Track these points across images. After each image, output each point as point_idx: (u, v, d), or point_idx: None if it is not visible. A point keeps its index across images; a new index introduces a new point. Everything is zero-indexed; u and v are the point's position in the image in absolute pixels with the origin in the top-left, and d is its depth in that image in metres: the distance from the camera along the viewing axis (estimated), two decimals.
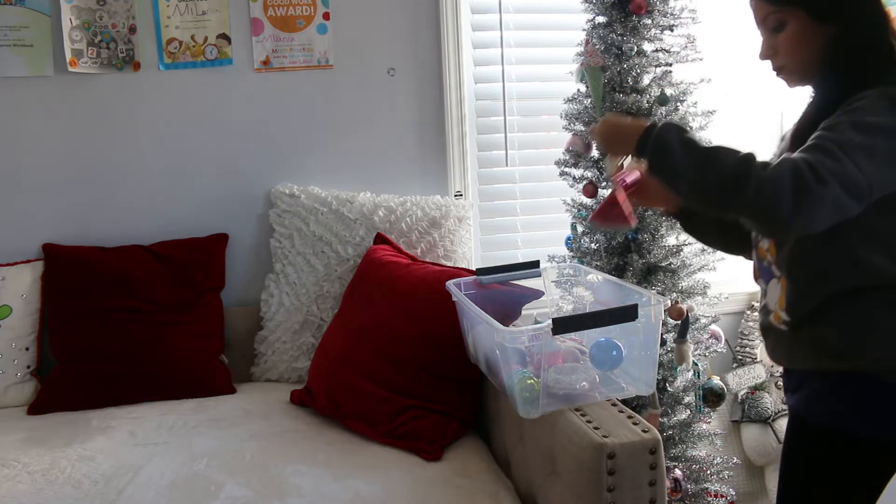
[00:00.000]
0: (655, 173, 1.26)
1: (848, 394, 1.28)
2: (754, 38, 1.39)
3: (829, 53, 1.25)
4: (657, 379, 1.84)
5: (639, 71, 2.09)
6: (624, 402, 1.57)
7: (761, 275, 1.40)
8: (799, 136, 1.26)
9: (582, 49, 2.15)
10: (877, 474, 1.26)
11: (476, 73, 2.56)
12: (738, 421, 2.60)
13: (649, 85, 2.11)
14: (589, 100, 2.15)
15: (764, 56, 1.34)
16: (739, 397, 2.60)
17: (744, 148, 1.18)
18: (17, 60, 2.23)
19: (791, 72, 1.32)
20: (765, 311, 1.39)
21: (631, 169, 1.49)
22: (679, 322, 1.97)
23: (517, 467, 1.69)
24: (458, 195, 2.54)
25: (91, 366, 2.11)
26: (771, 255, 1.35)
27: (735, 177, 1.14)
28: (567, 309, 2.03)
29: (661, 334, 2.03)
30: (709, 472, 2.15)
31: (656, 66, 2.11)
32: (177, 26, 2.34)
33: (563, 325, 1.42)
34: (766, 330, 1.40)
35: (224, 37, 2.37)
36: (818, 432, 1.33)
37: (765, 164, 1.14)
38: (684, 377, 2.14)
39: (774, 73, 1.35)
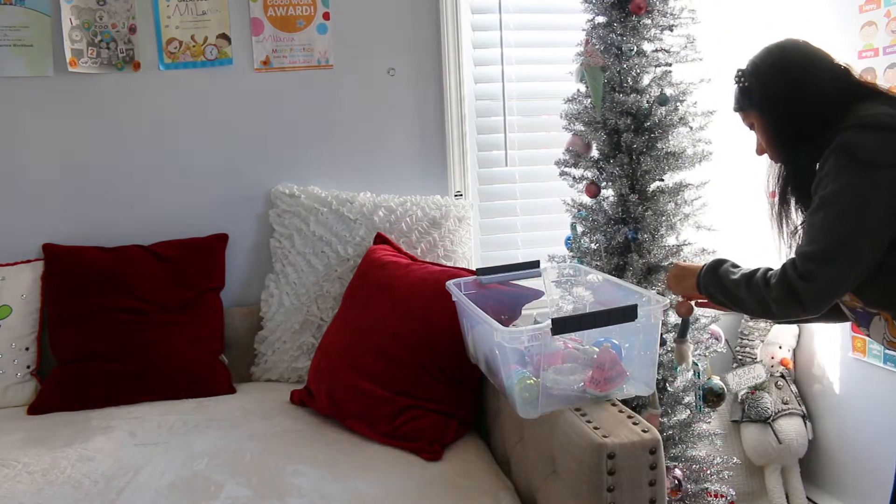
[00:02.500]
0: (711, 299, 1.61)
1: None
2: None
3: (777, 137, 1.51)
4: (657, 379, 1.84)
5: (639, 71, 2.09)
6: (624, 402, 1.57)
7: (860, 322, 1.54)
8: (784, 198, 1.53)
9: (582, 49, 2.15)
10: None
11: (476, 73, 2.56)
12: (738, 421, 2.60)
13: (649, 85, 2.11)
14: (589, 100, 2.15)
15: (757, 152, 1.59)
16: (739, 397, 2.60)
17: (759, 265, 1.48)
18: (17, 60, 2.23)
19: (770, 155, 1.57)
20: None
21: None
22: (679, 322, 1.98)
23: (517, 467, 1.69)
24: (458, 195, 2.54)
25: (91, 366, 2.11)
26: (858, 302, 1.49)
27: (758, 305, 1.45)
28: (567, 309, 2.03)
29: (661, 334, 2.03)
30: (709, 472, 2.14)
31: (656, 66, 2.11)
32: (177, 26, 2.34)
33: (563, 325, 1.41)
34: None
35: (224, 37, 2.37)
36: None
37: (767, 282, 1.42)
38: (684, 377, 2.14)
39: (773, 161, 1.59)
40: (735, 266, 1.55)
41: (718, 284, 1.53)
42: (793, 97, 1.47)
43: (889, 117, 1.35)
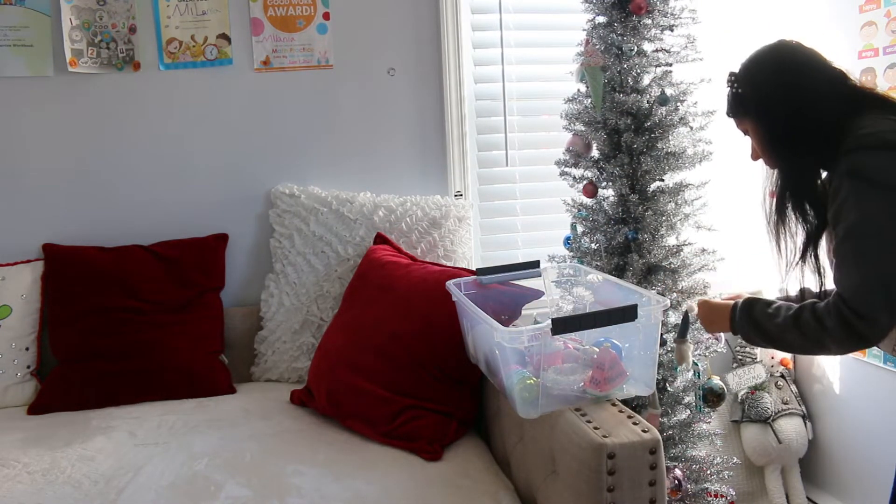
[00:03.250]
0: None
1: None
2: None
3: (773, 145, 1.49)
4: (657, 379, 1.84)
5: (639, 71, 2.09)
6: (624, 402, 1.57)
7: None
8: (781, 205, 1.50)
9: (582, 49, 2.15)
10: None
11: (476, 73, 2.56)
12: (738, 421, 2.60)
13: (649, 85, 2.11)
14: (589, 100, 2.15)
15: (753, 158, 1.57)
16: (739, 397, 2.60)
17: (802, 305, 1.41)
18: (17, 60, 2.23)
19: (766, 162, 1.55)
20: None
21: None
22: (679, 321, 1.98)
23: (517, 467, 1.69)
24: (458, 195, 2.54)
25: (91, 366, 2.11)
26: None
27: (812, 346, 1.40)
28: (567, 309, 2.03)
29: (661, 334, 2.03)
30: (709, 472, 2.14)
31: (656, 66, 2.11)
32: (177, 26, 2.34)
33: (563, 325, 1.41)
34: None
35: (224, 37, 2.37)
36: None
37: (819, 320, 1.36)
38: (684, 377, 2.14)
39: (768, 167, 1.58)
40: (769, 305, 1.48)
41: (758, 329, 1.47)
42: (788, 103, 1.44)
43: (892, 133, 1.33)
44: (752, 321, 1.48)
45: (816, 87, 1.43)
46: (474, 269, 1.97)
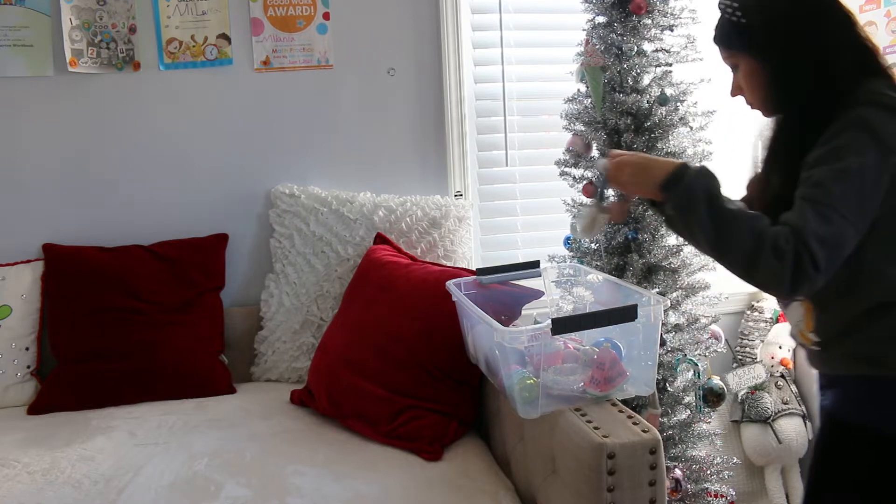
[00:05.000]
0: (671, 220, 1.31)
1: (879, 394, 1.30)
2: None
3: (777, 91, 1.31)
4: (657, 379, 1.84)
5: (639, 71, 2.09)
6: (624, 402, 1.57)
7: (781, 300, 1.45)
8: (773, 157, 1.34)
9: (582, 49, 2.15)
10: None
11: (476, 73, 2.56)
12: (738, 421, 2.60)
13: (649, 85, 2.11)
14: (589, 100, 2.15)
15: (732, 94, 1.40)
16: (739, 397, 2.60)
17: (759, 213, 1.23)
18: (17, 60, 2.23)
19: (758, 108, 1.39)
20: (793, 330, 1.43)
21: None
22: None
23: (517, 467, 1.69)
24: (458, 195, 2.54)
25: (91, 366, 2.11)
26: None
27: (747, 257, 1.20)
28: (567, 309, 2.03)
29: (661, 334, 2.03)
30: (709, 472, 2.14)
31: (656, 66, 2.11)
32: (177, 26, 2.34)
33: (563, 325, 1.41)
34: (799, 344, 1.45)
35: (224, 37, 2.37)
36: (849, 430, 1.35)
37: (775, 248, 1.17)
38: (684, 377, 2.14)
39: (749, 106, 1.41)
40: (718, 186, 1.27)
41: (708, 201, 1.23)
42: (808, 46, 1.26)
43: None
44: (709, 191, 1.24)
45: (841, 29, 1.28)
46: (474, 269, 1.97)
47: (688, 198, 1.25)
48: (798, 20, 1.27)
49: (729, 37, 1.33)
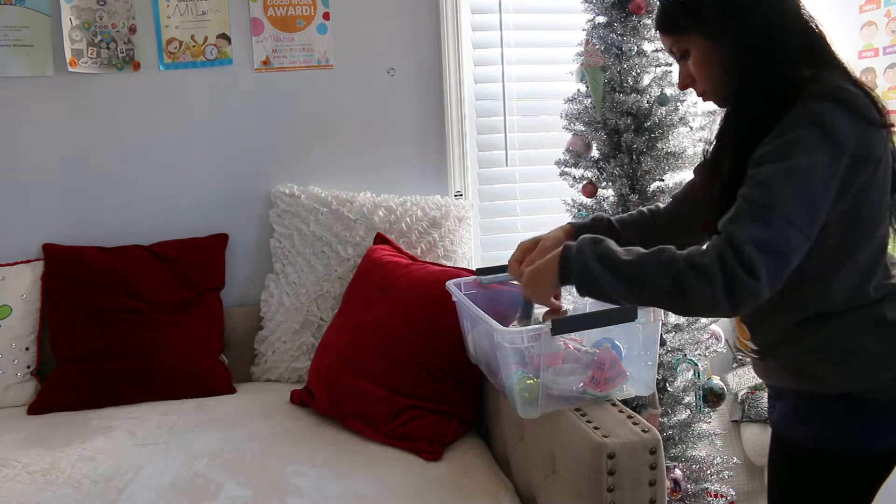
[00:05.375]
0: (597, 298, 1.25)
1: (817, 410, 1.27)
2: None
3: (733, 73, 1.22)
4: (657, 379, 1.84)
5: (639, 71, 2.09)
6: (624, 402, 1.57)
7: None
8: (722, 146, 1.26)
9: (582, 49, 2.15)
10: (847, 490, 1.26)
11: (476, 73, 2.56)
12: (738, 421, 2.60)
13: (649, 85, 2.11)
14: (589, 100, 2.15)
15: (681, 86, 1.32)
16: (739, 397, 2.60)
17: (660, 246, 1.16)
18: (17, 60, 2.23)
19: (711, 96, 1.30)
20: (734, 337, 1.40)
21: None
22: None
23: (517, 467, 1.69)
24: (458, 195, 2.54)
25: (91, 366, 2.11)
26: None
27: (671, 295, 1.13)
28: (567, 309, 2.03)
29: (661, 334, 2.03)
30: (709, 472, 2.14)
31: (656, 66, 2.11)
32: (177, 26, 2.34)
33: (563, 325, 1.41)
34: (740, 353, 1.40)
35: (224, 37, 2.37)
36: (793, 447, 1.33)
37: (693, 267, 1.10)
38: (684, 377, 2.14)
39: (701, 98, 1.33)
40: (602, 241, 1.22)
41: (602, 266, 1.17)
42: (762, 19, 1.19)
43: (863, 102, 1.14)
44: (597, 257, 1.18)
45: (792, 12, 1.21)
46: (474, 269, 1.97)
47: (585, 274, 1.20)
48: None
49: (678, 18, 1.24)
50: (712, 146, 1.31)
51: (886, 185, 1.20)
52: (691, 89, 1.33)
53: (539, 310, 1.50)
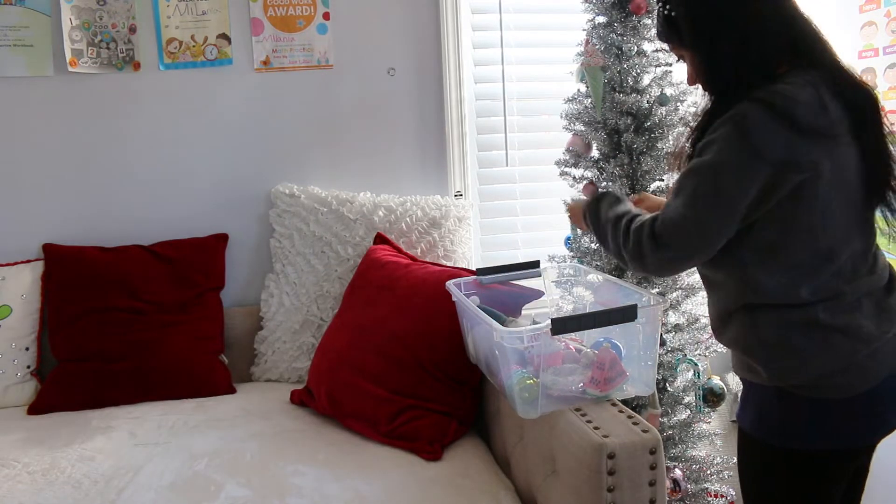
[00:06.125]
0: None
1: (758, 400, 1.34)
2: None
3: (708, 76, 1.34)
4: (657, 379, 1.84)
5: (639, 71, 2.09)
6: (624, 402, 1.57)
7: None
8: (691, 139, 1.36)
9: (582, 49, 2.15)
10: (786, 482, 1.31)
11: (476, 73, 2.56)
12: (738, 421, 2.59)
13: (649, 85, 2.11)
14: (589, 100, 2.15)
15: (690, 82, 1.42)
16: (739, 397, 2.60)
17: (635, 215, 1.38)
18: (17, 60, 2.23)
19: (708, 94, 1.39)
20: None
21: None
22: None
23: (517, 467, 1.69)
24: (458, 195, 2.54)
25: (91, 366, 2.11)
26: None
27: (617, 254, 1.38)
28: (567, 309, 2.03)
29: (661, 334, 2.03)
30: (709, 472, 2.14)
31: (656, 66, 2.11)
32: (177, 26, 2.34)
33: (563, 325, 1.41)
34: None
35: (224, 37, 2.37)
36: (741, 431, 1.40)
37: (629, 231, 1.33)
38: (684, 377, 2.14)
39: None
40: (618, 202, 1.44)
41: (594, 221, 1.46)
42: (729, 28, 1.26)
43: (805, 111, 1.19)
44: (596, 208, 1.46)
45: (766, 17, 1.26)
46: (474, 269, 1.97)
47: (589, 223, 1.50)
48: (719, 7, 1.27)
49: (663, 33, 1.37)
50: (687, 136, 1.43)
51: (833, 199, 1.22)
52: (693, 88, 1.40)
53: (533, 310, 1.55)
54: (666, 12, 1.32)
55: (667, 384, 2.13)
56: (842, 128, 1.22)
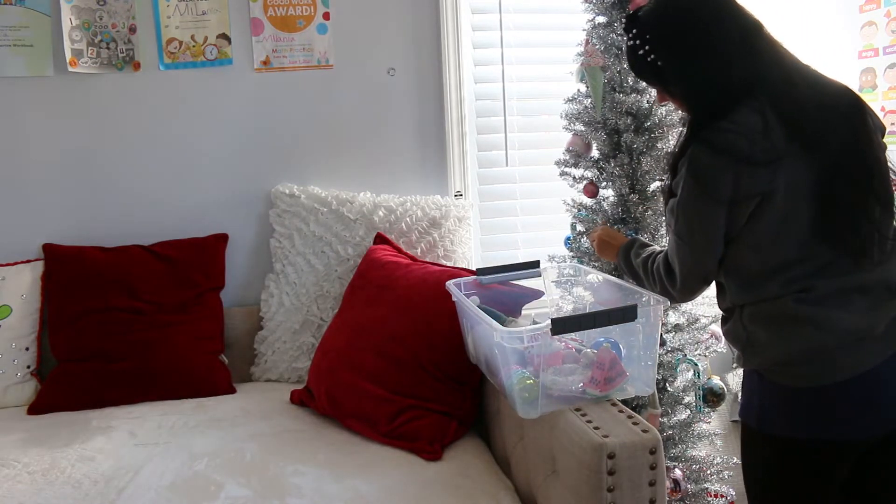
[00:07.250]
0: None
1: (746, 387, 1.45)
2: None
3: (681, 107, 1.46)
4: (657, 379, 1.84)
5: None
6: (624, 402, 1.57)
7: None
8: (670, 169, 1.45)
9: (582, 49, 2.15)
10: (770, 467, 1.40)
11: (476, 73, 2.56)
12: (738, 421, 2.59)
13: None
14: (589, 100, 2.15)
15: (659, 101, 1.55)
16: (739, 397, 2.60)
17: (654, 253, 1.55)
18: (17, 60, 2.23)
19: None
20: None
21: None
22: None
23: (517, 467, 1.69)
24: (458, 195, 2.54)
25: (91, 366, 2.11)
26: None
27: (667, 294, 1.50)
28: (567, 309, 2.03)
29: (661, 334, 2.03)
30: (709, 472, 2.14)
31: None
32: (177, 26, 2.34)
33: (563, 325, 1.41)
34: None
35: (224, 37, 2.37)
36: (739, 423, 1.50)
37: (658, 278, 1.50)
38: (684, 377, 2.14)
39: None
40: (643, 247, 1.60)
41: (630, 270, 1.62)
42: (702, 69, 1.33)
43: (745, 143, 1.26)
44: (627, 262, 1.62)
45: (729, 48, 1.31)
46: (474, 269, 1.97)
47: (623, 270, 1.67)
48: (687, 50, 1.34)
49: (638, 69, 1.44)
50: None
51: (788, 212, 1.28)
52: None
53: (533, 310, 1.57)
54: (639, 52, 1.39)
55: (667, 384, 2.13)
56: (793, 146, 1.27)
